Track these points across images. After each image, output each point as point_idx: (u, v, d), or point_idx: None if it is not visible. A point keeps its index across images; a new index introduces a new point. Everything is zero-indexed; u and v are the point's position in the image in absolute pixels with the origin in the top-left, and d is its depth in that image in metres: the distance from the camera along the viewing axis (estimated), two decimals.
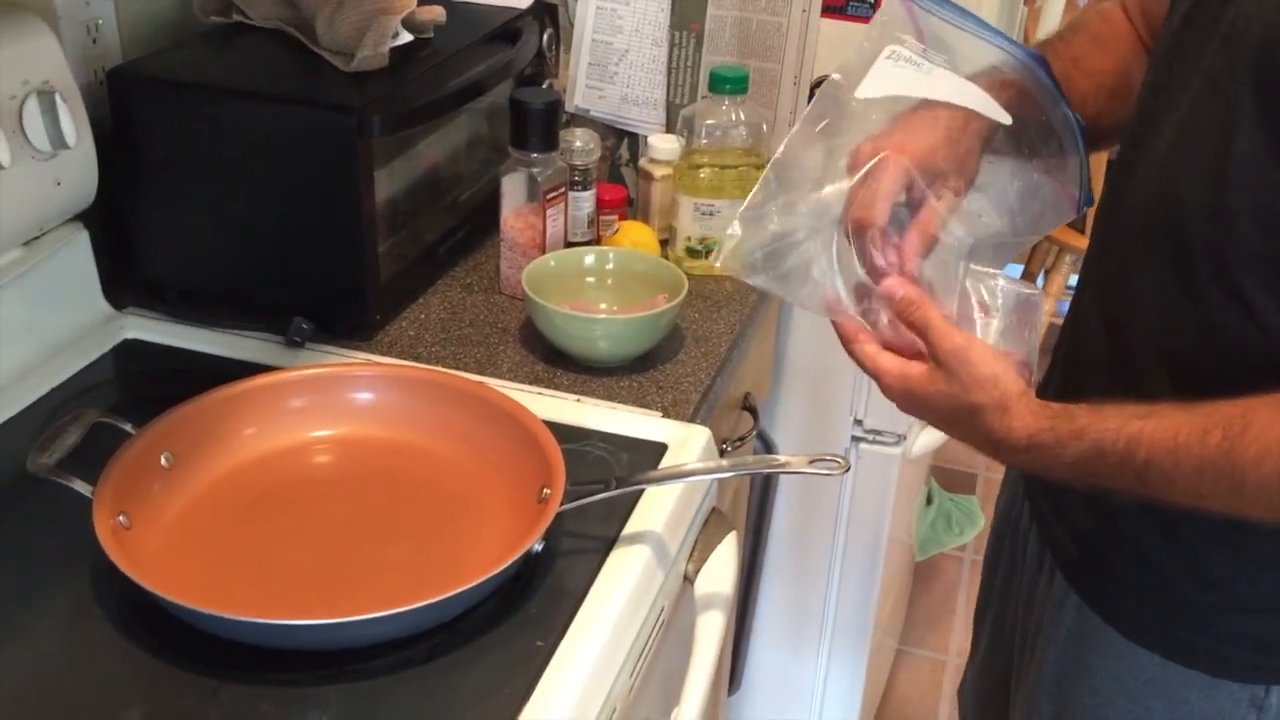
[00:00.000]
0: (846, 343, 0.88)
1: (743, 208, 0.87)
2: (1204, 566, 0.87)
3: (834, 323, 0.88)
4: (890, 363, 0.85)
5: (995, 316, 0.86)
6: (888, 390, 0.86)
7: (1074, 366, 0.96)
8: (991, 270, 0.88)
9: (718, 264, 0.88)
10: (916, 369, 0.84)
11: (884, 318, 0.86)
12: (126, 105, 1.15)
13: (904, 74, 0.88)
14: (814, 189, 0.87)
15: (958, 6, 0.91)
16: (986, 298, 0.87)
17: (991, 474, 2.69)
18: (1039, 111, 0.91)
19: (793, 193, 0.87)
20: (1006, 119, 0.89)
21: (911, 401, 0.85)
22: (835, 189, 0.87)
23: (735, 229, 0.87)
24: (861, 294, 0.87)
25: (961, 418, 0.83)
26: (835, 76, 0.89)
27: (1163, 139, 0.84)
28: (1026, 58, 0.91)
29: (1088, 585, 0.94)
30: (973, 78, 0.91)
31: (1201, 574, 0.87)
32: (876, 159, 0.86)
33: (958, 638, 2.31)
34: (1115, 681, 0.92)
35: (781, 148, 0.88)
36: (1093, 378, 0.91)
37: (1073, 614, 0.95)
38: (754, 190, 0.88)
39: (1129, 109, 0.91)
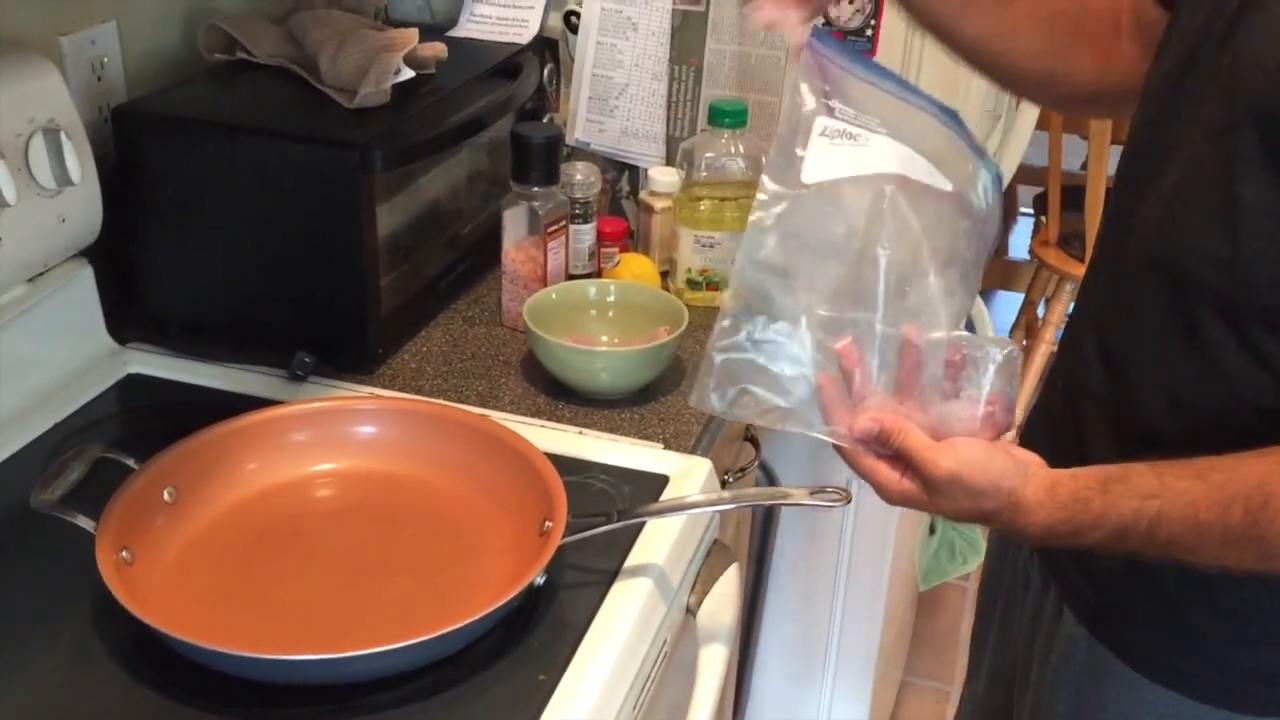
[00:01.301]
0: (848, 458, 0.85)
1: (714, 337, 0.83)
2: (1217, 598, 0.87)
3: (838, 447, 0.85)
4: (889, 479, 0.83)
5: (973, 380, 0.85)
6: (888, 501, 0.85)
7: (1072, 397, 0.95)
8: (966, 335, 0.85)
9: (692, 401, 0.85)
10: (916, 491, 0.82)
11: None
12: (131, 142, 1.16)
13: (842, 153, 0.84)
14: (788, 306, 0.83)
15: (868, 61, 0.88)
16: (966, 365, 0.84)
17: None
18: (966, 163, 0.89)
19: (762, 310, 0.83)
20: (948, 186, 0.86)
21: (922, 510, 0.85)
22: (807, 341, 0.83)
23: (713, 360, 0.83)
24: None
25: (975, 520, 0.83)
26: (770, 160, 0.84)
27: (1164, 184, 0.84)
28: (939, 110, 0.89)
29: (1098, 620, 0.94)
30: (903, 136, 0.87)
31: (1214, 606, 0.87)
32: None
33: (962, 668, 2.29)
34: (1129, 718, 0.92)
35: (738, 255, 0.83)
36: (1092, 409, 0.91)
37: (1084, 649, 0.94)
38: (722, 312, 0.83)
39: (1055, 44, 0.92)
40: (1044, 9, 1.02)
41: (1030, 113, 1.97)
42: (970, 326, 1.69)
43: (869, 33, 1.39)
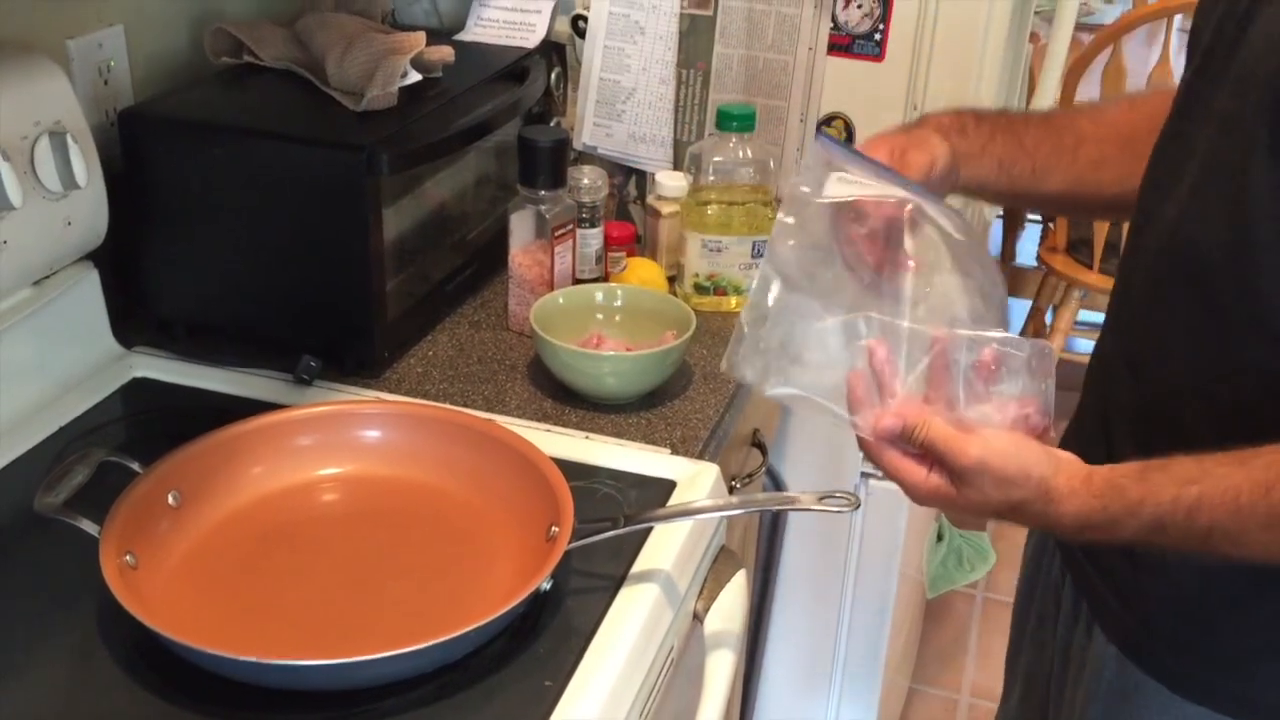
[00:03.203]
0: (869, 452, 0.84)
1: (746, 309, 0.85)
2: (1249, 617, 0.85)
3: (857, 438, 0.85)
4: (916, 475, 0.81)
5: (1006, 380, 0.84)
6: (916, 499, 0.83)
7: (1103, 414, 0.94)
8: (992, 334, 0.84)
9: (723, 367, 0.87)
10: (946, 488, 0.80)
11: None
12: (138, 145, 1.16)
13: (854, 188, 0.87)
14: (810, 297, 0.85)
15: (873, 161, 0.89)
16: (994, 365, 0.84)
17: None
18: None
19: (789, 290, 0.85)
20: (961, 236, 0.87)
21: (951, 509, 0.83)
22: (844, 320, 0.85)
23: (742, 329, 0.85)
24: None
25: (1005, 515, 0.81)
26: (788, 193, 0.88)
27: (1182, 184, 0.83)
28: (940, 206, 0.89)
29: (1129, 639, 0.92)
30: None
31: (1247, 625, 0.86)
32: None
33: (970, 676, 2.29)
34: None
35: (769, 247, 0.87)
36: (1123, 424, 0.90)
37: (1113, 667, 0.93)
38: (752, 289, 0.86)
39: (1139, 165, 0.91)
40: (1112, 130, 1.00)
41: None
42: None
43: (877, 37, 1.38)
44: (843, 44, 1.40)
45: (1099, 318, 1.77)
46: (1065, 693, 1.01)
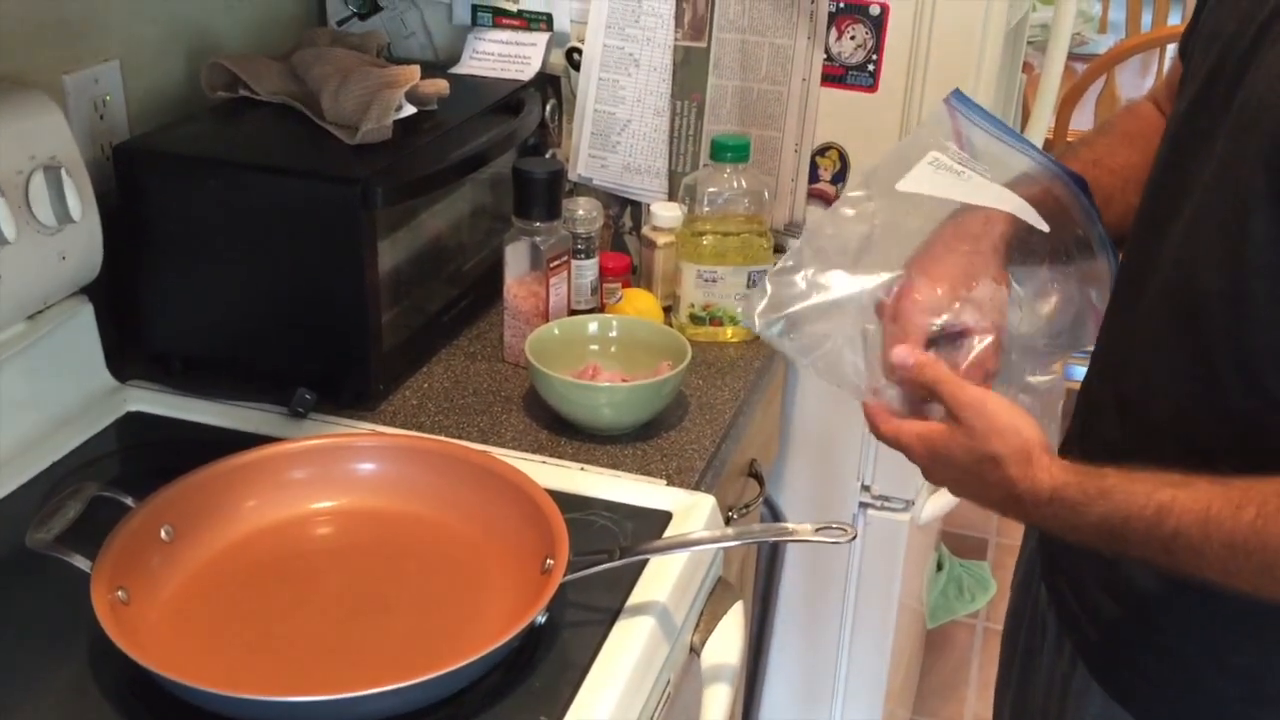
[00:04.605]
0: (871, 419, 0.88)
1: (774, 269, 0.90)
2: (1227, 656, 0.85)
3: (864, 405, 0.89)
4: (911, 427, 0.86)
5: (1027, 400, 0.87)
6: (910, 451, 0.86)
7: (1087, 446, 0.94)
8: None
9: (738, 312, 0.90)
10: (936, 427, 0.84)
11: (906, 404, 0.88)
12: (133, 179, 1.16)
13: (943, 179, 0.90)
14: (846, 269, 0.89)
15: (1004, 124, 0.93)
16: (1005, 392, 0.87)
17: (1003, 539, 2.67)
18: (1076, 227, 0.92)
19: (823, 264, 0.89)
20: (1044, 226, 0.90)
21: (934, 459, 0.84)
22: (868, 285, 0.89)
23: (765, 286, 0.89)
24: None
25: (984, 470, 0.82)
26: (872, 167, 0.92)
27: (1179, 223, 0.83)
28: (1068, 178, 0.92)
29: (1111, 675, 0.92)
30: (1013, 183, 0.92)
31: (1225, 664, 0.85)
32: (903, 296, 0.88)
33: (971, 707, 2.27)
34: None
35: (816, 220, 0.91)
36: (1105, 458, 0.90)
37: (1097, 704, 0.93)
38: (786, 255, 0.90)
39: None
40: (1119, 173, 1.00)
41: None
42: None
43: (870, 68, 1.39)
44: (836, 75, 1.40)
45: None
46: None
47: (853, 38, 1.39)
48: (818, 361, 0.89)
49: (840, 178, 1.44)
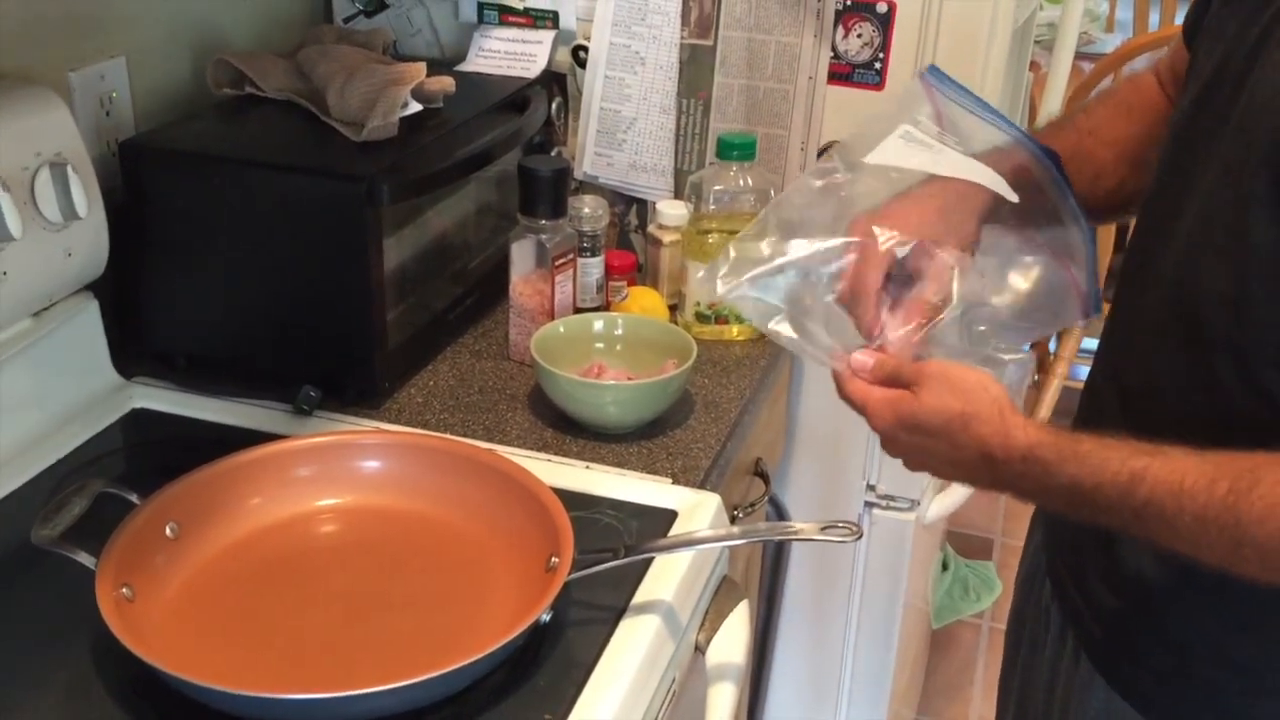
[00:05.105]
0: (839, 381, 0.88)
1: (738, 236, 0.90)
2: (1229, 650, 0.85)
3: (833, 370, 0.89)
4: (880, 393, 0.85)
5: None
6: (877, 419, 0.85)
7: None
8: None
9: (699, 276, 0.91)
10: (904, 394, 0.83)
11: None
12: (139, 176, 1.16)
13: (914, 151, 0.90)
14: (811, 237, 0.89)
15: (979, 98, 0.93)
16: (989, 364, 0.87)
17: (1009, 539, 2.66)
18: (1048, 201, 0.91)
19: (787, 233, 0.90)
20: (1014, 197, 0.89)
21: (901, 425, 0.83)
22: (832, 243, 0.89)
23: (729, 252, 0.89)
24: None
25: (953, 430, 0.81)
26: (844, 139, 0.91)
27: (1181, 225, 0.83)
28: (1041, 152, 0.92)
29: (1113, 668, 0.92)
30: (983, 155, 0.92)
31: (1227, 658, 0.85)
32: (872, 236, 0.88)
33: (977, 707, 2.27)
34: None
35: (782, 194, 0.92)
36: None
37: (1100, 697, 0.92)
38: (750, 225, 0.91)
39: (1135, 172, 0.91)
40: (1112, 145, 1.00)
41: None
42: None
43: (877, 65, 1.39)
44: (843, 73, 1.40)
45: None
46: (1054, 719, 1.00)
47: (859, 36, 1.38)
48: (781, 325, 0.89)
49: None
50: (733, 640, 0.98)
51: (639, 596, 0.93)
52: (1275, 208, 0.75)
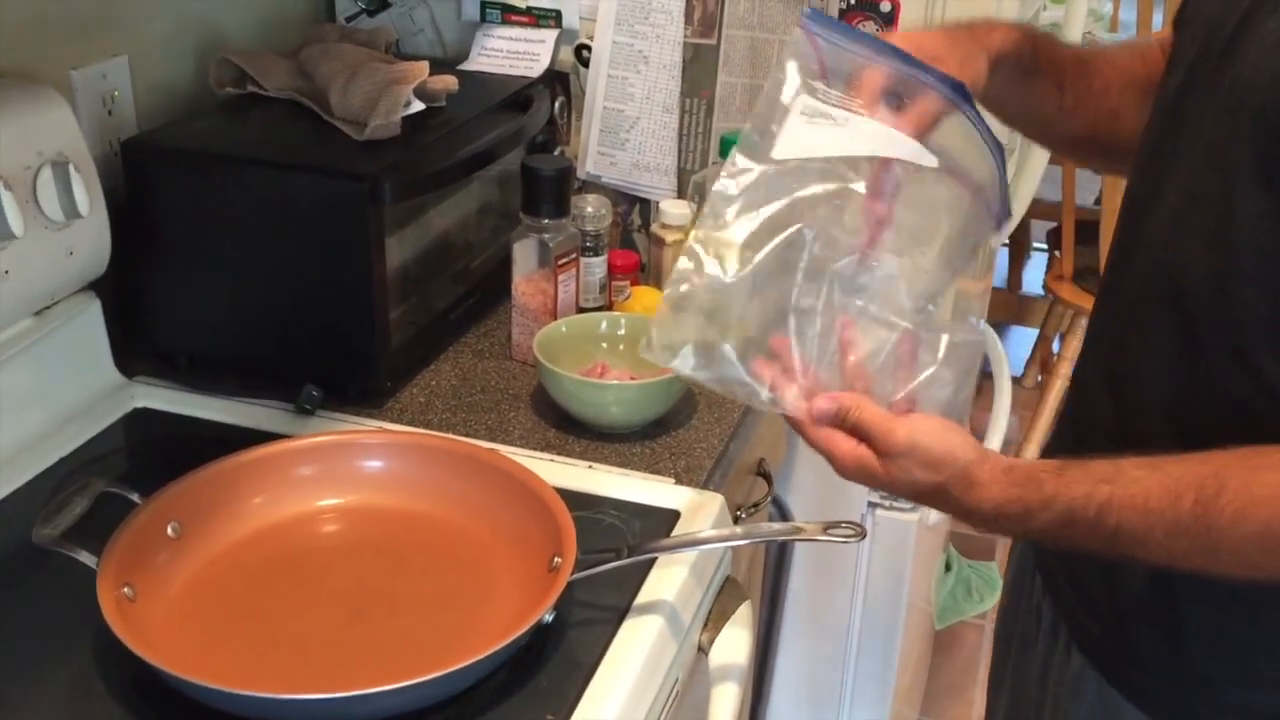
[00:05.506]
0: (798, 428, 0.85)
1: (666, 291, 0.83)
2: (1222, 639, 0.85)
3: (785, 417, 0.85)
4: (845, 446, 0.82)
5: (934, 365, 0.84)
6: (843, 473, 0.84)
7: (1082, 428, 0.94)
8: (924, 318, 0.84)
9: (644, 354, 0.86)
10: (872, 459, 0.81)
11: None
12: (141, 175, 1.16)
13: (819, 132, 0.82)
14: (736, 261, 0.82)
15: (867, 36, 0.85)
16: (928, 348, 0.83)
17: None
18: (969, 140, 0.87)
19: (723, 263, 0.83)
20: (933, 162, 0.84)
21: (871, 483, 0.84)
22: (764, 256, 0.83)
23: (663, 310, 0.83)
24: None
25: (926, 496, 0.82)
26: (747, 128, 0.83)
27: (1166, 204, 0.83)
28: (947, 86, 0.85)
29: (1106, 660, 0.92)
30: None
31: (1220, 647, 0.85)
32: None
33: (979, 708, 2.26)
34: None
35: (705, 210, 0.84)
36: (1098, 439, 0.90)
37: (1093, 690, 0.93)
38: (677, 270, 0.83)
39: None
40: (1128, 80, 1.00)
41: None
42: (985, 360, 1.68)
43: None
44: None
45: None
46: (1046, 714, 1.00)
47: None
48: (736, 389, 0.83)
49: None
50: (736, 641, 0.98)
51: (642, 597, 0.92)
52: (1260, 183, 0.75)
